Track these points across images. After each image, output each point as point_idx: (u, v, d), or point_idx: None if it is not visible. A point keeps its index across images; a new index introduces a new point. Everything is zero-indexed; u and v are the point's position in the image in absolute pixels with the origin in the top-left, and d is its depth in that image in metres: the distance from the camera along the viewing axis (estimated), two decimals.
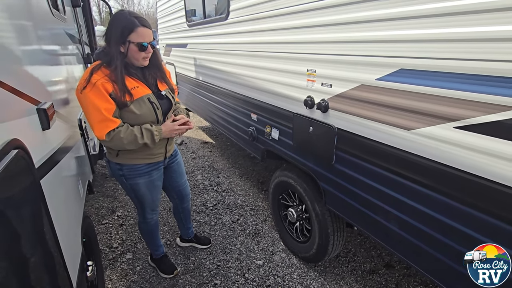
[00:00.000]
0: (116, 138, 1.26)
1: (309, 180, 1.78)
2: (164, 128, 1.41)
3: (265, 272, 1.93)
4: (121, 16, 1.27)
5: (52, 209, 0.90)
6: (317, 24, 1.39)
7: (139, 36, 1.27)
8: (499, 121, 0.81)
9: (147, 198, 1.59)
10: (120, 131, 1.27)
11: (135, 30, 1.25)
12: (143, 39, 1.27)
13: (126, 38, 1.26)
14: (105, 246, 2.18)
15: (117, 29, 1.25)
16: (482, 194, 0.89)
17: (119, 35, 1.25)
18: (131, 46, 1.27)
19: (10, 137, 0.72)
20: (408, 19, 0.99)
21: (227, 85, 2.58)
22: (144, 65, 1.36)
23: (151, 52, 1.35)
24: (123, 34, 1.25)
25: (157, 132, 1.37)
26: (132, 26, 1.25)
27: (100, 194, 2.91)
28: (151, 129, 1.35)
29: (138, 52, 1.29)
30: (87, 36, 3.22)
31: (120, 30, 1.25)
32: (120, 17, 1.27)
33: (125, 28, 1.25)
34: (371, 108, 1.19)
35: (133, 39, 1.26)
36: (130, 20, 1.25)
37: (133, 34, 1.25)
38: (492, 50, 0.80)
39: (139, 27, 1.26)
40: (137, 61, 1.32)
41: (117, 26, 1.26)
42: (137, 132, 1.31)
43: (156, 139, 1.37)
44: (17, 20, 1.02)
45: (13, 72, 0.90)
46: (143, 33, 1.27)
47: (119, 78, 1.26)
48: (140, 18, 1.29)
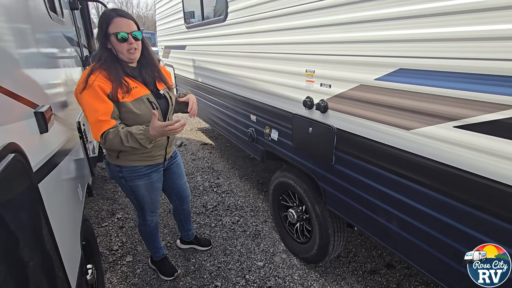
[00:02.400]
0: (106, 139, 1.25)
1: (309, 181, 1.77)
2: (153, 132, 1.25)
3: (266, 273, 1.93)
4: (103, 13, 1.31)
5: (50, 213, 0.89)
6: (316, 25, 1.38)
7: (116, 27, 1.27)
8: (498, 120, 0.81)
9: (147, 200, 1.59)
10: (109, 132, 1.24)
11: (112, 21, 1.27)
12: (120, 29, 1.27)
13: (106, 31, 1.27)
14: (105, 249, 2.18)
15: (100, 26, 1.29)
16: (482, 193, 0.88)
17: (102, 32, 1.28)
18: (112, 38, 1.28)
19: (7, 140, 0.72)
20: (407, 19, 0.99)
21: (226, 87, 2.58)
22: (132, 59, 1.34)
23: (133, 43, 1.31)
24: (102, 28, 1.28)
25: (142, 136, 1.25)
26: (108, 18, 1.27)
27: (100, 196, 2.91)
28: (134, 133, 1.25)
29: (119, 44, 1.28)
30: (85, 39, 3.22)
31: (101, 25, 1.28)
32: (102, 14, 1.31)
33: (103, 22, 1.28)
34: (371, 108, 1.19)
35: (112, 30, 1.27)
36: (107, 14, 1.29)
37: (111, 25, 1.27)
38: (491, 49, 0.80)
39: (115, 17, 1.27)
40: (122, 54, 1.31)
41: (100, 24, 1.29)
42: (123, 135, 1.24)
43: (143, 143, 1.26)
44: (14, 23, 1.02)
45: (10, 75, 0.90)
46: (120, 23, 1.28)
47: (118, 80, 1.27)
48: (119, 10, 1.31)
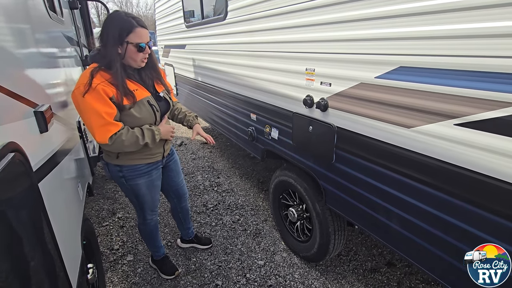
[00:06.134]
0: (117, 141, 1.25)
1: (309, 179, 1.77)
2: (162, 129, 1.43)
3: (267, 272, 1.93)
4: (118, 17, 1.25)
5: (51, 212, 0.89)
6: (316, 23, 1.38)
7: (138, 37, 1.25)
8: (500, 118, 0.80)
9: (147, 199, 1.59)
10: (122, 133, 1.26)
11: (133, 30, 1.24)
12: (141, 39, 1.27)
13: (124, 39, 1.24)
14: (105, 248, 2.18)
15: (114, 30, 1.23)
16: (484, 191, 0.88)
17: (117, 36, 1.23)
18: (130, 47, 1.26)
19: (6, 140, 0.72)
20: (407, 16, 0.98)
21: (226, 86, 2.58)
22: (141, 66, 1.35)
23: (149, 52, 1.34)
24: (121, 35, 1.23)
25: (157, 132, 1.38)
26: (130, 27, 1.24)
27: (100, 196, 2.91)
28: (152, 128, 1.37)
29: (136, 53, 1.28)
30: (85, 38, 3.21)
31: (118, 31, 1.23)
32: (117, 18, 1.25)
33: (123, 29, 1.23)
34: (371, 106, 1.18)
35: (132, 40, 1.25)
36: (127, 21, 1.24)
37: (132, 34, 1.24)
38: (492, 46, 0.79)
39: (137, 27, 1.25)
40: (135, 62, 1.31)
41: (114, 27, 1.24)
42: (138, 133, 1.31)
43: (157, 139, 1.38)
44: (14, 23, 1.02)
45: (10, 74, 0.90)
46: (141, 34, 1.26)
47: (120, 82, 1.25)
48: (137, 18, 1.28)
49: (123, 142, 1.26)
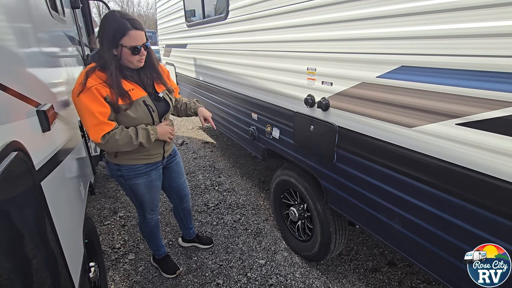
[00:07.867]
0: (111, 141, 1.25)
1: (310, 179, 1.77)
2: (160, 129, 1.40)
3: (268, 271, 1.93)
4: (112, 18, 1.24)
5: (53, 211, 0.90)
6: (317, 22, 1.38)
7: (132, 40, 1.24)
8: (501, 117, 0.80)
9: (146, 199, 1.59)
10: (115, 133, 1.26)
11: (127, 33, 1.22)
12: (135, 42, 1.25)
13: (119, 41, 1.23)
14: (107, 247, 2.19)
15: (109, 32, 1.22)
16: (485, 191, 0.88)
17: (111, 39, 1.23)
18: (124, 49, 1.25)
19: (9, 139, 0.72)
20: (409, 16, 0.98)
21: (227, 85, 2.58)
22: (139, 66, 1.35)
23: (145, 54, 1.32)
24: (115, 38, 1.22)
25: (152, 132, 1.36)
26: (124, 30, 1.22)
27: (102, 195, 2.92)
28: (147, 128, 1.35)
29: (131, 56, 1.27)
30: (87, 38, 3.22)
31: (112, 33, 1.22)
32: (111, 19, 1.23)
33: (117, 31, 1.22)
34: (372, 106, 1.18)
35: (126, 43, 1.24)
36: (121, 23, 1.22)
37: (125, 38, 1.23)
38: (493, 46, 0.79)
39: (131, 30, 1.23)
40: (131, 63, 1.31)
41: (108, 29, 1.23)
42: (132, 133, 1.30)
43: (152, 138, 1.36)
44: (16, 22, 1.02)
45: (12, 73, 0.90)
46: (135, 36, 1.24)
47: (115, 83, 1.24)
48: (132, 19, 1.26)
49: (117, 141, 1.26)
